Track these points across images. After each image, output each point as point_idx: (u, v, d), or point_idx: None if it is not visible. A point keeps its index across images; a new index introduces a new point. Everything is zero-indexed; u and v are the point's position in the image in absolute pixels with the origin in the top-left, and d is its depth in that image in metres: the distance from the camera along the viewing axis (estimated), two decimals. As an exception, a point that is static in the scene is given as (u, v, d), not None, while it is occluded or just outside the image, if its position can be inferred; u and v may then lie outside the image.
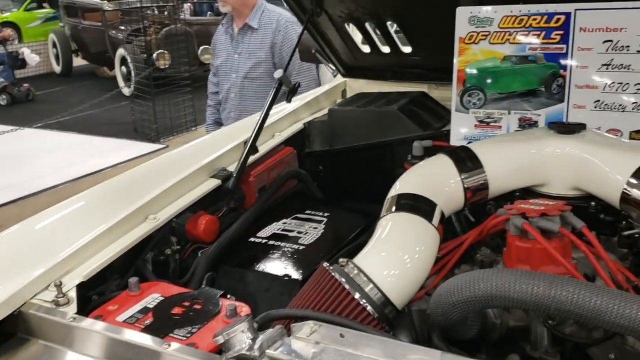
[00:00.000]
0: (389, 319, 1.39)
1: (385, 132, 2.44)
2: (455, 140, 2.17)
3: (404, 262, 1.45)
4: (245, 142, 2.18)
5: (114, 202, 1.97)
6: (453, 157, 1.66)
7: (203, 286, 1.79)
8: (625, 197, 1.50)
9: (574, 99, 2.07)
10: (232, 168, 2.16)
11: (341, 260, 1.45)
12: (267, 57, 4.19)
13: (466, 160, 1.65)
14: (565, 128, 1.71)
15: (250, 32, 4.23)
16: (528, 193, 1.72)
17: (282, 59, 4.11)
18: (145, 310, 1.56)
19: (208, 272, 1.87)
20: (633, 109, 1.99)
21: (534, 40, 2.09)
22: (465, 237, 1.66)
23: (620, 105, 2.00)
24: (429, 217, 1.53)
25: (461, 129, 2.23)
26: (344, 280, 1.39)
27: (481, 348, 1.51)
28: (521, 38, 2.12)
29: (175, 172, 2.04)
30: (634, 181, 1.49)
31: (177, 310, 1.55)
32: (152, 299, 1.61)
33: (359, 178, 2.50)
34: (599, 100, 2.03)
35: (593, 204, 1.63)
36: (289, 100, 2.39)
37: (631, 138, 2.00)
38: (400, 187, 1.63)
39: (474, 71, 2.20)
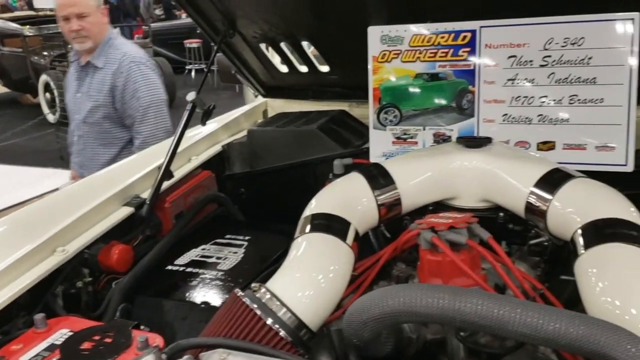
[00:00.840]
0: (304, 342, 1.37)
1: (306, 151, 2.44)
2: (375, 157, 2.18)
3: (318, 282, 1.44)
4: (159, 167, 2.13)
5: (19, 235, 1.89)
6: (365, 174, 1.67)
7: (116, 318, 1.73)
8: (529, 207, 1.54)
9: (483, 113, 2.12)
10: (146, 194, 2.10)
11: (253, 285, 1.42)
12: (105, 100, 3.63)
13: (378, 176, 1.66)
14: (472, 142, 1.74)
15: (92, 71, 3.69)
16: (441, 206, 1.74)
17: (124, 103, 3.61)
18: (51, 348, 1.49)
19: (122, 303, 1.81)
20: (538, 121, 2.05)
21: (442, 57, 2.14)
22: (381, 254, 1.66)
23: (527, 118, 2.07)
24: (342, 236, 1.53)
25: (379, 145, 2.26)
26: (255, 306, 1.36)
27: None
28: (431, 56, 2.16)
29: (86, 200, 1.96)
30: (536, 191, 1.53)
31: (86, 345, 1.47)
32: (60, 335, 1.53)
33: (282, 199, 2.48)
34: (506, 114, 2.09)
35: (501, 214, 1.67)
36: (203, 123, 2.36)
37: (538, 149, 2.06)
38: (314, 206, 1.62)
39: (388, 89, 2.24)
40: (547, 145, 2.06)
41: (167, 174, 2.12)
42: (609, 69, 1.95)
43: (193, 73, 13.97)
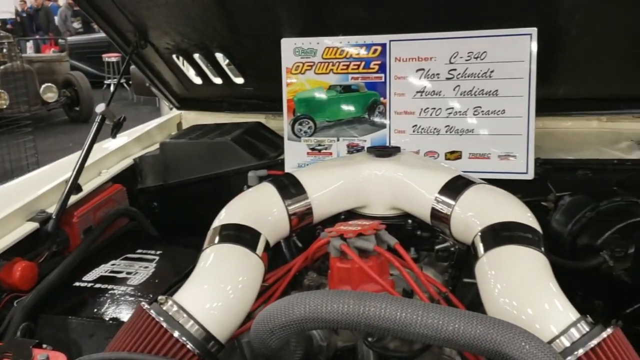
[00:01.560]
0: (212, 354, 1.35)
1: (220, 164, 2.42)
2: (289, 169, 2.19)
3: (226, 293, 1.42)
4: (66, 181, 2.05)
5: None
6: (276, 184, 1.67)
7: (16, 337, 1.65)
8: (434, 213, 1.58)
9: (394, 124, 2.17)
10: (53, 209, 2.02)
11: (160, 297, 1.39)
12: None
13: (289, 186, 1.66)
14: (381, 151, 1.78)
15: None
16: (352, 215, 1.76)
17: None
18: (-54, 370, 1.40)
19: (24, 322, 1.72)
20: (446, 132, 2.12)
21: (355, 69, 2.18)
22: (292, 264, 1.66)
23: (435, 129, 2.13)
24: (252, 247, 1.51)
25: (294, 157, 2.27)
26: (161, 318, 1.33)
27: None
28: (343, 68, 2.20)
29: (-13, 216, 1.87)
30: (440, 197, 1.57)
31: (-17, 366, 1.40)
32: (-44, 357, 1.44)
33: (196, 212, 2.42)
34: (416, 125, 2.15)
35: (410, 221, 1.71)
36: (113, 135, 2.30)
37: (446, 159, 2.13)
38: (223, 217, 1.61)
39: (302, 100, 2.26)
40: (454, 155, 2.13)
41: (75, 187, 2.05)
42: (509, 81, 2.04)
43: (112, 88, 13.60)
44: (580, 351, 1.16)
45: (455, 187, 1.57)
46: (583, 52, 2.13)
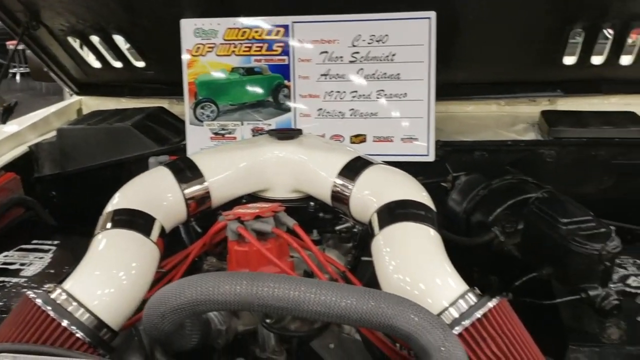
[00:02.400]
0: (105, 342, 1.29)
1: (120, 150, 2.33)
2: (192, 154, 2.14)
3: (119, 279, 1.36)
4: (-50, 169, 1.92)
5: None
6: (172, 168, 1.62)
7: None
8: (334, 194, 1.58)
9: (299, 107, 2.17)
10: None
11: (47, 285, 1.32)
12: None
13: (185, 170, 1.61)
14: (283, 134, 1.76)
15: None
16: (254, 198, 1.74)
17: None
18: None
19: None
20: (350, 115, 2.14)
21: (257, 51, 2.16)
22: (190, 249, 1.62)
23: (340, 112, 2.14)
24: (146, 232, 1.46)
25: (197, 141, 2.22)
26: (49, 307, 1.26)
27: (212, 356, 1.48)
28: (246, 50, 2.17)
29: None
30: (339, 178, 1.57)
31: None
32: None
33: (96, 200, 2.33)
34: (321, 108, 2.15)
35: (312, 203, 1.70)
36: (3, 121, 2.17)
37: (351, 142, 2.15)
38: (116, 202, 1.54)
39: (204, 83, 2.21)
40: (359, 138, 2.15)
41: (-41, 176, 1.92)
42: (410, 65, 2.07)
43: (18, 77, 12.92)
44: (467, 322, 1.19)
45: (354, 168, 1.58)
46: (480, 37, 2.19)
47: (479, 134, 2.25)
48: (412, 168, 2.11)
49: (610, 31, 2.15)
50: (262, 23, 2.13)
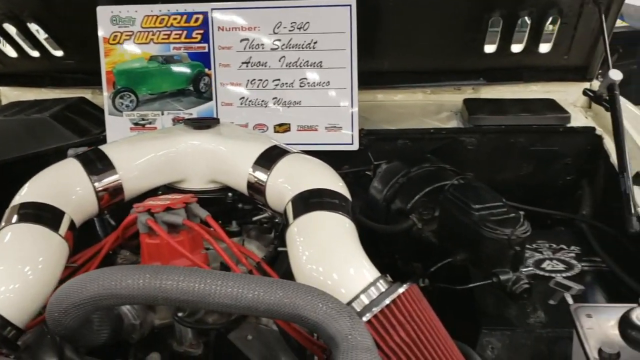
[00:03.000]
0: (10, 340, 1.24)
1: (38, 142, 2.24)
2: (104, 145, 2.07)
3: (24, 275, 1.29)
4: None
5: None
6: (81, 159, 1.55)
7: None
8: (250, 184, 1.56)
9: (220, 96, 2.13)
10: None
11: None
12: None
13: (95, 161, 1.55)
14: (199, 123, 1.72)
15: None
16: (171, 190, 1.69)
17: None
18: None
19: None
20: (274, 104, 2.11)
21: (176, 39, 2.10)
22: (103, 242, 1.57)
23: (263, 101, 2.11)
24: (53, 226, 1.40)
25: (116, 132, 2.15)
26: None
27: (128, 351, 1.44)
28: (164, 37, 2.11)
29: None
30: (255, 168, 1.55)
31: None
32: None
33: (13, 194, 2.25)
34: (243, 97, 2.12)
35: (230, 194, 1.67)
36: None
37: (275, 132, 2.12)
38: (23, 195, 1.47)
39: (122, 72, 2.14)
40: (283, 128, 2.12)
41: None
42: (332, 53, 2.06)
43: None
44: (376, 309, 1.19)
45: (270, 157, 1.55)
46: (402, 25, 2.20)
47: (404, 123, 2.25)
48: (337, 157, 2.15)
49: (528, 20, 2.18)
50: (180, 10, 2.08)
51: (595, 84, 2.34)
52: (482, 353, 1.41)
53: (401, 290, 1.23)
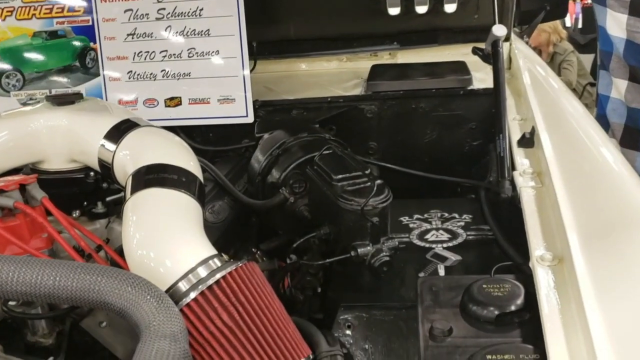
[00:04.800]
0: None
1: None
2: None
3: None
4: None
5: None
6: None
7: None
8: (100, 160, 1.47)
9: (108, 71, 2.02)
10: None
11: None
12: None
13: None
14: (61, 99, 1.62)
15: None
16: (34, 172, 1.60)
17: None
18: None
19: None
20: (163, 77, 2.00)
21: (59, 13, 2.00)
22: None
23: (151, 74, 2.01)
24: None
25: (5, 114, 2.06)
26: None
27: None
28: (47, 12, 2.00)
29: None
30: (104, 143, 1.45)
31: None
32: None
33: None
34: (131, 71, 2.01)
35: (92, 174, 1.58)
36: None
37: (166, 106, 2.02)
38: None
39: (6, 50, 2.04)
40: (174, 102, 2.02)
41: None
42: (220, 20, 1.95)
43: None
44: (196, 291, 1.10)
45: (119, 130, 1.45)
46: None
47: (307, 93, 2.15)
48: (238, 131, 2.05)
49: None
50: (58, -18, 1.97)
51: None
52: (339, 331, 1.33)
53: (230, 268, 1.14)
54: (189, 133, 2.04)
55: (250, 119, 1.98)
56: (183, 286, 1.14)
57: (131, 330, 1.39)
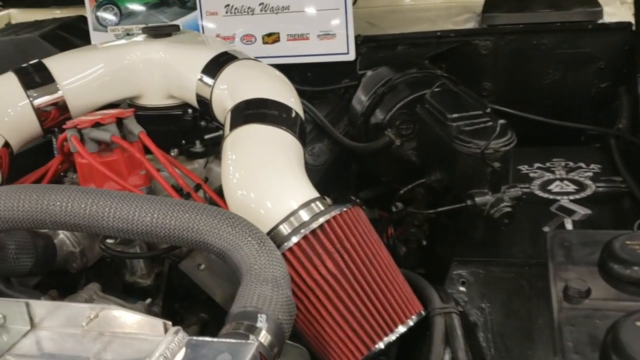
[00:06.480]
0: None
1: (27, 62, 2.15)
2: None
3: None
4: None
5: None
6: (19, 73, 1.42)
7: None
8: (198, 96, 1.39)
9: (205, 5, 1.93)
10: None
11: None
12: None
13: (33, 74, 1.41)
14: (158, 31, 1.54)
15: None
16: (132, 107, 1.55)
17: None
18: None
19: None
20: (261, 11, 1.90)
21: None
22: (50, 164, 1.46)
23: (249, 8, 1.90)
24: None
25: (103, 49, 2.02)
26: None
27: (78, 279, 1.35)
28: (144, -59, 1.93)
29: None
30: (202, 77, 1.37)
31: None
32: None
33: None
34: (229, 5, 1.91)
35: (190, 111, 1.50)
36: None
37: (264, 43, 1.92)
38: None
39: (103, -17, 1.99)
40: (271, 38, 1.91)
41: None
42: (322, -55, 1.80)
43: None
44: (298, 236, 1.01)
45: (217, 64, 1.36)
46: None
47: (413, 27, 1.98)
48: (337, 69, 1.93)
49: None
50: None
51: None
52: (452, 287, 1.20)
53: (334, 212, 1.04)
54: (286, 72, 1.92)
55: (351, 57, 1.84)
56: (284, 229, 1.05)
57: (230, 274, 1.33)
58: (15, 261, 1.19)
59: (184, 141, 1.52)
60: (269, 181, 1.11)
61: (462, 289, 1.20)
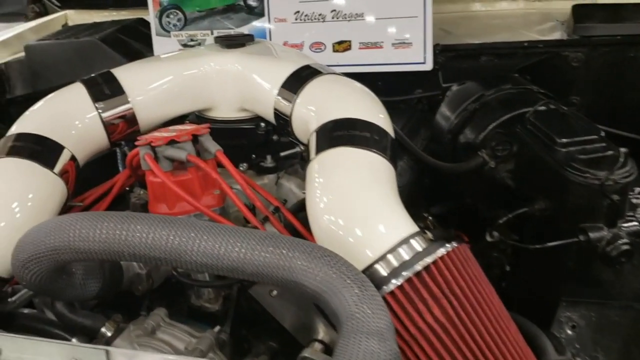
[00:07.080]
0: None
1: (89, 66, 2.07)
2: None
3: (11, 212, 1.13)
4: None
5: None
6: (87, 83, 1.35)
7: None
8: (276, 111, 1.29)
9: (273, 11, 1.84)
10: None
11: None
12: None
13: (102, 85, 1.33)
14: (230, 41, 1.46)
15: None
16: (201, 120, 1.46)
17: None
18: None
19: None
20: (332, 18, 1.79)
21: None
22: (116, 179, 1.38)
23: (320, 15, 1.80)
24: (47, 162, 1.21)
25: (165, 55, 1.95)
26: None
27: (142, 300, 1.28)
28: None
29: None
30: (283, 91, 1.27)
31: None
32: None
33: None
34: (298, 11, 1.82)
35: (263, 124, 1.41)
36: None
37: (334, 51, 1.82)
38: (19, 125, 1.30)
39: (169, -13, 1.91)
40: (342, 46, 1.81)
41: None
42: (401, -50, 1.69)
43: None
44: (402, 277, 0.90)
45: (299, 78, 1.26)
46: None
47: (494, 36, 1.85)
48: (409, 79, 1.81)
49: None
50: None
51: None
52: (559, 331, 1.08)
53: (442, 251, 0.93)
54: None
55: (428, 66, 1.73)
56: (382, 269, 0.94)
57: (303, 301, 1.24)
58: (83, 287, 1.11)
59: (254, 155, 1.43)
60: (362, 210, 1.01)
61: (571, 333, 1.08)
